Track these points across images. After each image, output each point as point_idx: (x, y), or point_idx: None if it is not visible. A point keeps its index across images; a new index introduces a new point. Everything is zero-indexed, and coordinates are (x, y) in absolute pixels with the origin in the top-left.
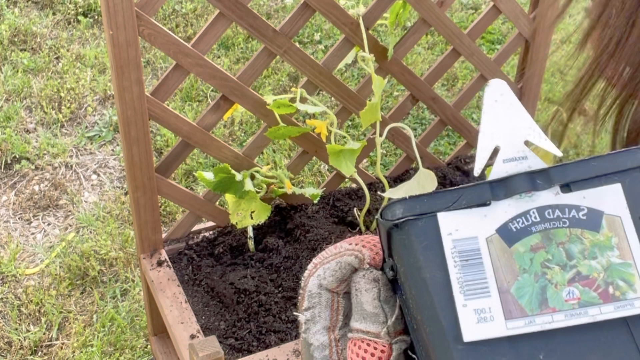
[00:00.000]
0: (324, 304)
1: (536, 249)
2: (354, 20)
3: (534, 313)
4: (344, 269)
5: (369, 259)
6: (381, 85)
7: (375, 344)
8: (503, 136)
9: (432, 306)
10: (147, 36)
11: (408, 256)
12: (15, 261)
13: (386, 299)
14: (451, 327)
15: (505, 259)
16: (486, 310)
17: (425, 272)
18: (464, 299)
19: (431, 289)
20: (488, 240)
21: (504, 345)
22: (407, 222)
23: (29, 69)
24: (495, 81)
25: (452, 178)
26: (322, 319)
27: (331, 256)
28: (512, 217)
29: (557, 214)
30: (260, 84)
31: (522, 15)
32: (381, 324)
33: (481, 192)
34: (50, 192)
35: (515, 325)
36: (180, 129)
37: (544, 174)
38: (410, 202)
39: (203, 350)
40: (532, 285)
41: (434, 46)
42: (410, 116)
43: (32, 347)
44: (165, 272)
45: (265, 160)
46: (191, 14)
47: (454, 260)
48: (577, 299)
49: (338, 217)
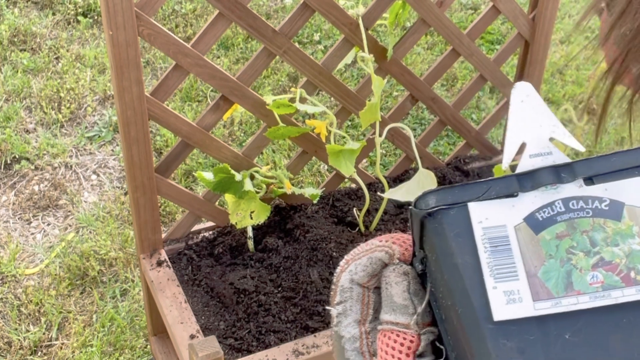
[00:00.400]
0: (355, 298)
1: (561, 236)
2: (354, 21)
3: (560, 295)
4: (375, 264)
5: (398, 254)
6: (380, 85)
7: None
8: (529, 133)
9: (463, 289)
10: (146, 36)
11: (440, 243)
12: (15, 261)
13: (415, 292)
14: (482, 308)
15: (532, 245)
16: (515, 292)
17: (457, 258)
18: (494, 281)
19: (463, 272)
20: (516, 228)
21: (531, 325)
22: (440, 211)
23: (28, 69)
24: (522, 83)
25: (452, 178)
26: (354, 313)
27: (362, 252)
28: (538, 207)
29: (580, 204)
30: (260, 84)
31: (522, 15)
32: (410, 315)
33: (509, 184)
34: (50, 192)
35: (542, 306)
36: (180, 129)
37: (568, 167)
38: (442, 193)
39: (203, 350)
40: (558, 270)
41: (433, 46)
42: (409, 116)
43: (31, 347)
44: (165, 272)
45: (265, 160)
46: (191, 14)
47: (484, 246)
48: (600, 282)
49: (337, 217)
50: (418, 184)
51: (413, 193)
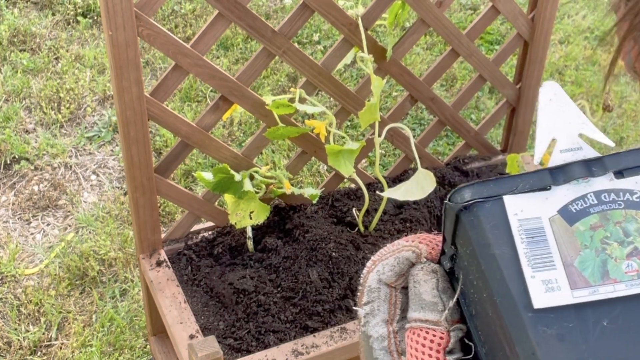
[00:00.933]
0: (383, 297)
1: (595, 227)
2: (353, 21)
3: (597, 283)
4: (402, 264)
5: (425, 253)
6: (380, 85)
7: (434, 332)
8: (559, 130)
9: (502, 278)
10: (146, 37)
11: (477, 235)
12: (14, 261)
13: (444, 289)
14: (521, 296)
15: (567, 236)
16: (553, 281)
17: (494, 248)
18: (532, 271)
19: (501, 263)
20: (551, 220)
21: (569, 313)
22: (476, 205)
23: (28, 69)
24: (549, 83)
25: (451, 178)
26: (381, 312)
27: (389, 252)
28: (571, 200)
29: (612, 197)
30: (259, 84)
31: (521, 15)
32: (439, 312)
33: (542, 178)
34: (50, 193)
35: (580, 294)
36: (180, 129)
37: (598, 162)
38: (477, 187)
39: (202, 350)
40: (594, 259)
41: (432, 47)
42: (409, 116)
43: (31, 347)
44: (165, 272)
45: (265, 160)
46: (190, 15)
47: (521, 237)
48: (635, 270)
49: (337, 217)
50: (417, 184)
51: (412, 193)
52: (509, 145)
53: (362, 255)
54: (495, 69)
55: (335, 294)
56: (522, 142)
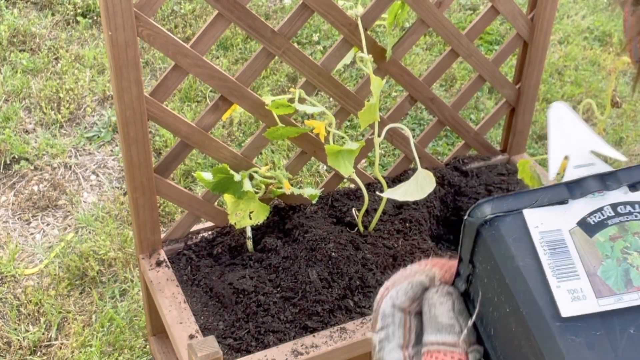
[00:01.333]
0: (397, 323)
1: (615, 238)
2: (353, 21)
3: (621, 292)
4: (416, 288)
5: (439, 276)
6: (379, 85)
7: (452, 354)
8: (571, 147)
9: (527, 290)
10: (146, 37)
11: (499, 248)
12: (14, 261)
13: (460, 311)
14: (548, 306)
15: (588, 247)
16: (578, 290)
17: (518, 261)
18: (557, 281)
19: (525, 274)
20: (571, 232)
21: (596, 322)
22: (497, 219)
23: (28, 69)
24: (557, 103)
25: (451, 179)
26: (396, 338)
27: (402, 277)
28: (589, 213)
29: (628, 209)
30: (259, 84)
31: (520, 15)
32: (457, 334)
33: (560, 192)
34: (50, 193)
35: (606, 302)
36: (179, 129)
37: (612, 175)
38: (497, 202)
39: (202, 350)
40: (616, 269)
41: (432, 47)
42: (408, 117)
43: (31, 347)
44: (164, 272)
45: (264, 160)
46: (190, 15)
47: (543, 249)
48: None
49: (336, 218)
50: (417, 184)
51: (412, 193)
52: (509, 146)
53: (361, 255)
54: (494, 69)
55: (334, 294)
56: (522, 142)
